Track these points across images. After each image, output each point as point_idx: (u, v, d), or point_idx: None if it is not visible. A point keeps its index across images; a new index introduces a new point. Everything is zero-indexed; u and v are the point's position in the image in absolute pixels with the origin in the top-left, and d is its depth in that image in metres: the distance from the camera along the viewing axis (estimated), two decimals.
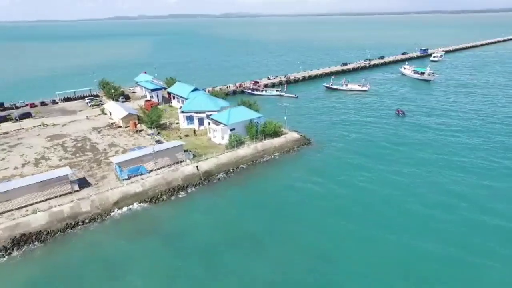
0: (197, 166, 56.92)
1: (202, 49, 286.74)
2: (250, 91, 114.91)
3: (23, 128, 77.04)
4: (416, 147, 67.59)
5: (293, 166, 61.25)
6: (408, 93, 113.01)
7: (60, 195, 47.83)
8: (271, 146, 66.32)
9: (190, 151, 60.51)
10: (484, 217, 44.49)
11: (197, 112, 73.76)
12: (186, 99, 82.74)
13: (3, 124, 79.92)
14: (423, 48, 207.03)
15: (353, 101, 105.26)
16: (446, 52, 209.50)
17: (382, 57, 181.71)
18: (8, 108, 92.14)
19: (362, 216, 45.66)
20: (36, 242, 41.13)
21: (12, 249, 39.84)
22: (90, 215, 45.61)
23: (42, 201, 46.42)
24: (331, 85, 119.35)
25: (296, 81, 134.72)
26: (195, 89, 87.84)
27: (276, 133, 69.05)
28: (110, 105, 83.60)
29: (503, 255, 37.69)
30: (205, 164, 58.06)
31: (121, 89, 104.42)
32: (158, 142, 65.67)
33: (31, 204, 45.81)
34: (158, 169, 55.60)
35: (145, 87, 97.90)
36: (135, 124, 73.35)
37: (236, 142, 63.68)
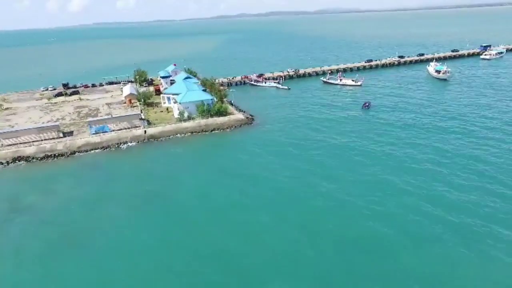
0: (145, 131, 78.26)
1: (264, 46, 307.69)
2: (252, 82, 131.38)
3: (67, 101, 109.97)
4: (350, 133, 75.39)
5: (220, 137, 77.96)
6: (402, 90, 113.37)
7: (50, 138, 74.68)
8: (213, 123, 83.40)
9: (145, 119, 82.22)
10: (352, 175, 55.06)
11: (173, 94, 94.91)
12: None
13: (59, 98, 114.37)
14: (484, 45, 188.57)
15: (337, 94, 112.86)
16: None
17: (421, 54, 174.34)
18: (70, 87, 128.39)
19: (244, 170, 60.89)
20: (24, 162, 67.93)
21: (11, 163, 67.31)
22: (61, 152, 70.94)
23: (38, 140, 73.81)
24: (328, 79, 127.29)
25: (309, 75, 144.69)
26: (188, 77, 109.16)
27: (221, 113, 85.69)
28: (125, 87, 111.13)
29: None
30: (153, 130, 78.97)
31: (150, 77, 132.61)
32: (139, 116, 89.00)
33: (32, 141, 73.51)
34: (118, 130, 78.70)
35: (159, 75, 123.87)
36: (130, 101, 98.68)
37: (183, 117, 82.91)
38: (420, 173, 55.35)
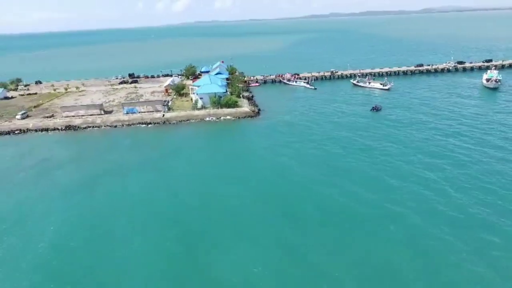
0: (163, 115, 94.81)
1: (332, 46, 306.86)
2: (285, 81, 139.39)
3: (125, 88, 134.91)
4: (348, 132, 78.77)
5: (222, 124, 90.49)
6: (435, 97, 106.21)
7: (95, 114, 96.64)
8: (221, 113, 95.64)
9: (166, 105, 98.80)
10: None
11: (198, 87, 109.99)
12: None
13: (121, 85, 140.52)
14: None
15: (359, 96, 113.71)
16: None
17: (489, 60, 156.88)
18: (134, 77, 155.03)
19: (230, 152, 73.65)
20: (72, 130, 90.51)
21: (63, 130, 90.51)
22: (98, 125, 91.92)
23: (86, 115, 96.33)
24: (357, 82, 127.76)
25: (346, 77, 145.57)
26: (218, 73, 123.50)
27: (230, 105, 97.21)
28: (168, 79, 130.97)
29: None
30: (169, 115, 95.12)
31: (197, 71, 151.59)
32: (167, 104, 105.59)
33: (81, 116, 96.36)
34: (143, 112, 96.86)
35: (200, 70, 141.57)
36: (166, 91, 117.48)
37: (196, 106, 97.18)
38: (374, 167, 59.51)
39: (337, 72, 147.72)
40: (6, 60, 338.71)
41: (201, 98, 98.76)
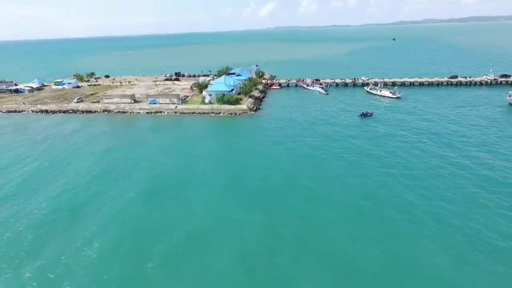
0: (176, 106, 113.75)
1: (391, 55, 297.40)
2: (304, 85, 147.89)
3: (166, 84, 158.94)
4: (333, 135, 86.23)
5: (221, 118, 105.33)
6: (445, 111, 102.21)
7: (126, 102, 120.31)
8: (222, 108, 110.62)
9: (181, 99, 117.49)
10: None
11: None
12: None
13: (166, 81, 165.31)
14: None
15: (364, 103, 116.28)
16: None
17: None
18: (179, 75, 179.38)
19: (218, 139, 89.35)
20: (106, 112, 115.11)
21: (100, 112, 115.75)
22: (125, 110, 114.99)
23: (120, 102, 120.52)
24: (370, 89, 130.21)
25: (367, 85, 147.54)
26: (238, 75, 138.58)
27: (231, 102, 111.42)
28: (196, 79, 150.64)
29: None
30: (181, 107, 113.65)
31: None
32: (183, 98, 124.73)
33: (117, 102, 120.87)
34: (162, 103, 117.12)
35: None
36: (191, 87, 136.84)
37: (203, 102, 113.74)
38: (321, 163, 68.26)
39: (360, 79, 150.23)
40: (99, 57, 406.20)
41: (209, 95, 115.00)
